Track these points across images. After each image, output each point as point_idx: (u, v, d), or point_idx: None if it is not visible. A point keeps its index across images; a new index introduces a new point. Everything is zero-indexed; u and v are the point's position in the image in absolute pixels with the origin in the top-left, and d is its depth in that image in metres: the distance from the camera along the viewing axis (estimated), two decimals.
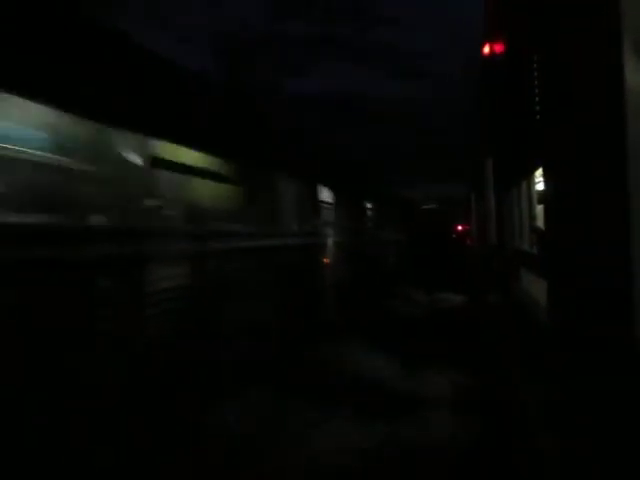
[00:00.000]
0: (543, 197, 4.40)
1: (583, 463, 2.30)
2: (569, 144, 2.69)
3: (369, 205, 15.71)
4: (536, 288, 5.03)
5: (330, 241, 10.89)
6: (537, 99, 3.90)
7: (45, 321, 3.36)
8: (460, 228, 27.75)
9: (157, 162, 4.69)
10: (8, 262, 3.12)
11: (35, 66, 3.42)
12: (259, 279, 6.80)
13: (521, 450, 3.35)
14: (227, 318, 5.71)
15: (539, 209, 5.53)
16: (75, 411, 3.54)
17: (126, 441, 3.92)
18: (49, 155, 3.55)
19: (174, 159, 5.05)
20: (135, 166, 4.39)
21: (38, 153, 3.46)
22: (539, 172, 5.16)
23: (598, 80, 2.25)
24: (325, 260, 10.54)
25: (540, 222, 5.34)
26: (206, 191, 5.77)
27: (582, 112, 2.44)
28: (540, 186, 5.24)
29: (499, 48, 6.85)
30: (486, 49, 7.58)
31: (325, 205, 10.63)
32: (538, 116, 3.93)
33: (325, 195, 10.67)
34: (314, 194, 9.95)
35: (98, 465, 3.62)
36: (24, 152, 3.34)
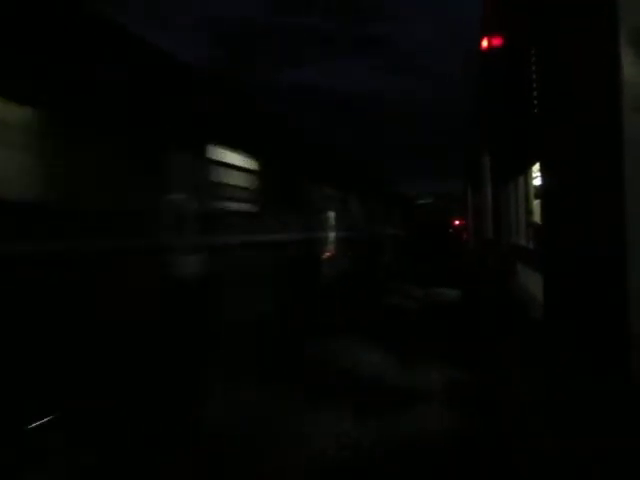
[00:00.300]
0: (540, 192, 4.37)
1: (582, 461, 2.28)
2: (566, 139, 2.67)
3: (368, 201, 15.69)
4: (532, 282, 5.01)
5: (330, 237, 10.85)
6: (535, 93, 3.88)
7: None
8: (457, 223, 27.82)
9: None
10: None
11: None
12: (260, 276, 6.78)
13: (521, 450, 3.34)
14: (231, 315, 5.72)
15: (536, 204, 5.51)
16: None
17: (121, 442, 3.91)
18: None
19: None
20: None
21: None
22: (536, 167, 5.13)
23: (596, 76, 2.23)
24: (325, 257, 10.51)
25: (537, 217, 5.32)
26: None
27: (580, 108, 2.42)
28: (537, 181, 5.21)
29: (497, 42, 6.83)
30: (484, 43, 7.56)
31: (325, 202, 10.59)
32: (536, 110, 3.91)
33: (326, 192, 10.64)
34: (317, 191, 9.90)
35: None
36: None
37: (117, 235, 4.60)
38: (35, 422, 3.66)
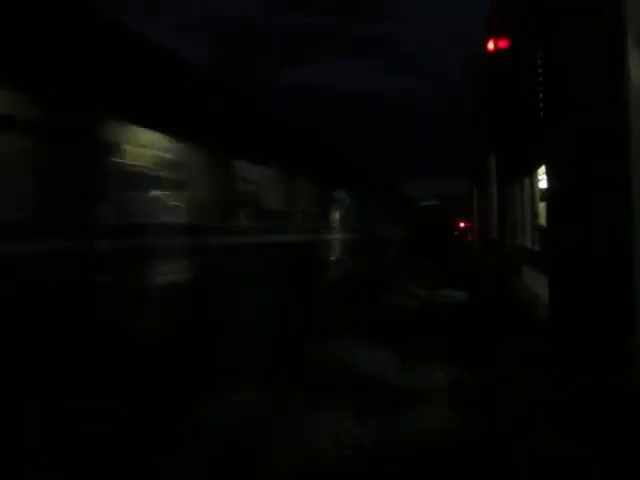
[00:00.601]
0: (546, 194, 4.36)
1: (583, 462, 2.28)
2: (571, 140, 2.65)
3: (370, 203, 15.68)
4: (537, 284, 5.00)
5: (332, 238, 10.84)
6: (540, 95, 3.87)
7: None
8: (462, 225, 27.92)
9: None
10: None
11: None
12: (260, 275, 6.77)
13: (521, 450, 3.34)
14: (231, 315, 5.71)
15: (541, 206, 5.50)
16: None
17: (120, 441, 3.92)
18: None
19: None
20: None
21: None
22: (541, 170, 5.12)
23: (599, 77, 2.22)
24: (327, 256, 10.51)
25: (542, 220, 5.31)
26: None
27: (583, 109, 2.41)
28: (543, 184, 5.21)
29: (503, 43, 6.82)
30: (490, 45, 7.54)
31: (328, 203, 10.59)
32: (540, 111, 3.90)
33: (328, 193, 10.64)
34: (317, 192, 9.89)
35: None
36: None
37: None
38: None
